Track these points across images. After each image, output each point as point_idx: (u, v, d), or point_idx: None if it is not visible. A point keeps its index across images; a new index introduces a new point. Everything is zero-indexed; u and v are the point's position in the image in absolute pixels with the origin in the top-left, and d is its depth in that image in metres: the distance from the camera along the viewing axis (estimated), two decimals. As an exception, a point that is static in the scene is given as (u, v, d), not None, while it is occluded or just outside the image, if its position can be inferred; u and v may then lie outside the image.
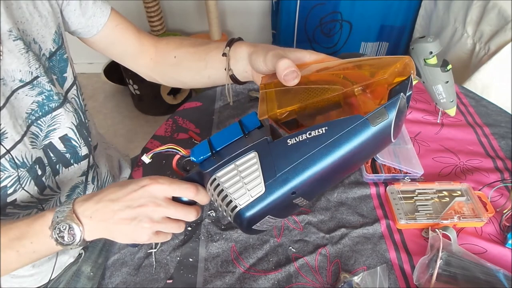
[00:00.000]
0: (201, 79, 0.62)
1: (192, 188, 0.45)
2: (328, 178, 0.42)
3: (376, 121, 0.38)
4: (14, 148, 0.51)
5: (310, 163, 0.39)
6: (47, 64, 0.56)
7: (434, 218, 0.67)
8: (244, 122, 0.46)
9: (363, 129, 0.38)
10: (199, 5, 2.06)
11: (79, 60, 2.33)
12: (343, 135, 0.39)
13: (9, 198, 0.53)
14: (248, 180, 0.41)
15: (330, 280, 0.61)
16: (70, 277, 0.73)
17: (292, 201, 0.42)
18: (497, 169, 0.77)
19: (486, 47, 1.25)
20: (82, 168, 0.65)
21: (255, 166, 0.41)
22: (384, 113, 0.38)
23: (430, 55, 0.72)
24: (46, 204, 0.60)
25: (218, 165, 0.43)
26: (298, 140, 0.40)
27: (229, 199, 0.41)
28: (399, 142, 0.80)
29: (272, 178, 0.40)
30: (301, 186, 0.40)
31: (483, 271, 0.59)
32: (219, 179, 0.42)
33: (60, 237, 0.45)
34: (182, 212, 0.46)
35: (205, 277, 0.62)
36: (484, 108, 0.92)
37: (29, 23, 0.53)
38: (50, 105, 0.56)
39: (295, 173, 0.40)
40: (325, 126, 0.40)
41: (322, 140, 0.39)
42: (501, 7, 1.19)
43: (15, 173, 0.52)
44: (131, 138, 1.94)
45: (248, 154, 0.42)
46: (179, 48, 0.64)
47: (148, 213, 0.44)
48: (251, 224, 0.42)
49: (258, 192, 0.40)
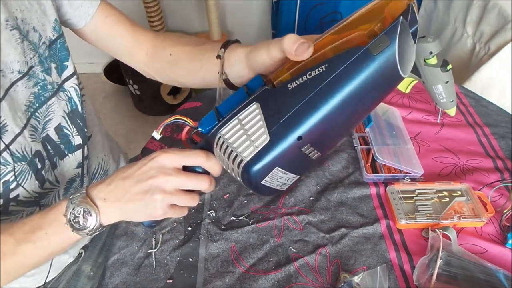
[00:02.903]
0: (196, 80, 0.61)
1: (201, 153, 0.44)
2: (336, 121, 0.38)
3: (377, 48, 0.34)
4: (15, 141, 0.51)
5: (313, 104, 0.36)
6: (47, 52, 0.56)
7: (434, 218, 0.67)
8: (249, 85, 0.43)
9: (365, 59, 0.35)
10: (199, 5, 2.06)
11: (79, 60, 2.31)
12: (344, 70, 0.35)
13: (12, 194, 0.53)
14: (252, 132, 0.39)
15: (330, 280, 0.61)
16: (70, 277, 0.73)
17: (301, 150, 0.39)
18: (497, 169, 0.77)
19: (486, 47, 1.25)
20: (77, 159, 0.64)
21: (258, 117, 0.39)
22: (385, 40, 0.34)
23: (430, 55, 0.72)
24: (46, 198, 0.60)
25: (221, 124, 0.40)
26: (299, 83, 0.38)
27: (234, 155, 0.39)
28: (399, 142, 0.80)
29: (276, 125, 0.38)
30: (307, 131, 0.37)
31: (483, 271, 0.59)
32: (223, 137, 0.40)
33: (75, 222, 0.45)
34: (194, 180, 0.44)
35: (205, 277, 0.62)
36: (484, 108, 0.92)
37: (29, 11, 0.52)
38: (45, 95, 0.56)
39: (299, 117, 0.37)
40: (325, 64, 0.36)
41: (323, 78, 0.36)
42: (501, 7, 1.19)
43: (17, 167, 0.52)
44: (131, 138, 1.94)
45: (250, 106, 0.40)
46: (175, 46, 0.62)
47: (159, 184, 0.44)
48: (259, 178, 0.40)
49: (262, 141, 0.38)
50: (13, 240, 0.46)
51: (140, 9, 1.97)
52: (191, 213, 0.71)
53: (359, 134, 0.83)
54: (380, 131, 0.81)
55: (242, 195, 0.73)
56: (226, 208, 0.71)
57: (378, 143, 0.77)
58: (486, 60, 1.19)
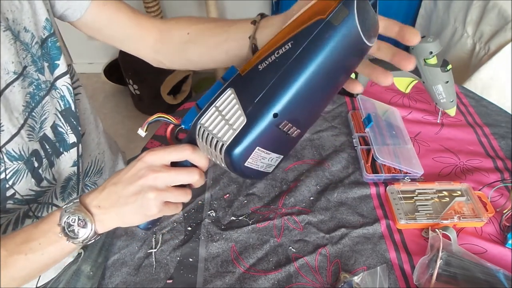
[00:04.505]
0: (217, 55, 0.60)
1: (187, 146, 0.44)
2: (309, 95, 0.40)
3: (338, 19, 0.37)
4: (11, 141, 0.51)
5: (284, 81, 0.38)
6: (39, 51, 0.55)
7: (434, 218, 0.67)
8: (224, 76, 0.44)
9: (328, 31, 0.37)
10: (199, 5, 2.06)
11: (79, 60, 2.33)
12: (310, 43, 0.37)
13: (8, 192, 0.53)
14: (229, 116, 0.40)
15: (330, 280, 0.61)
16: (70, 277, 0.73)
17: (279, 128, 0.40)
18: (497, 169, 0.77)
19: (486, 47, 1.25)
20: (73, 158, 0.64)
21: (233, 101, 0.40)
22: (343, 10, 0.36)
23: (430, 55, 0.72)
24: (44, 196, 0.60)
25: (200, 114, 0.42)
26: (268, 62, 0.39)
27: (215, 141, 0.40)
28: (399, 142, 0.80)
29: (251, 106, 0.39)
30: (281, 108, 0.39)
31: (483, 271, 0.59)
32: (203, 126, 0.41)
33: (70, 231, 0.44)
34: (184, 174, 0.45)
35: (205, 277, 0.62)
36: (484, 108, 0.92)
37: (20, 11, 0.52)
38: (39, 94, 0.56)
39: (271, 94, 0.38)
40: (291, 41, 0.38)
41: (290, 54, 0.38)
42: (501, 7, 1.19)
43: (13, 166, 0.52)
44: (131, 138, 1.94)
45: (225, 93, 0.41)
46: (195, 24, 0.62)
47: (150, 183, 0.44)
48: (241, 160, 0.41)
49: (240, 124, 0.39)
50: (4, 252, 0.46)
51: (140, 9, 1.96)
52: (191, 213, 0.71)
53: (359, 134, 0.83)
54: (380, 131, 0.81)
55: (242, 195, 0.73)
56: (226, 208, 0.71)
57: (378, 143, 0.77)
58: (486, 60, 1.19)
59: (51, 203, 0.63)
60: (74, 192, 0.67)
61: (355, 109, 0.92)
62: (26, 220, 0.59)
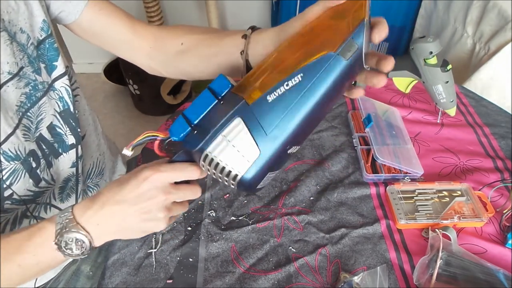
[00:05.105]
0: (209, 67, 0.60)
1: (196, 168, 0.45)
2: (314, 119, 0.43)
3: (347, 54, 0.39)
4: (7, 141, 0.51)
5: (296, 113, 0.40)
6: (35, 53, 0.55)
7: (434, 218, 0.67)
8: (213, 87, 0.45)
9: (338, 65, 0.39)
10: (199, 5, 2.06)
11: (79, 60, 2.33)
12: (320, 77, 0.40)
13: (6, 192, 0.53)
14: (241, 147, 0.41)
15: (330, 280, 0.61)
16: (70, 277, 0.73)
17: (287, 152, 0.43)
18: (497, 169, 0.77)
19: (486, 47, 1.25)
20: (71, 159, 0.64)
21: (244, 131, 0.41)
22: (353, 44, 0.39)
23: (430, 55, 0.72)
24: (42, 196, 0.60)
25: (205, 141, 0.42)
26: (278, 94, 0.41)
27: (228, 170, 0.41)
28: (399, 142, 0.80)
29: (264, 138, 0.40)
30: (292, 137, 0.41)
31: (483, 271, 0.59)
32: (211, 154, 0.41)
33: (68, 249, 0.45)
34: (190, 192, 0.47)
35: (205, 277, 0.62)
36: (484, 108, 0.92)
37: (16, 12, 0.52)
38: (36, 95, 0.56)
39: (285, 127, 0.40)
40: (300, 73, 0.40)
41: (301, 88, 0.40)
42: (501, 7, 1.19)
43: (9, 166, 0.52)
44: (131, 138, 1.92)
45: (232, 121, 0.41)
46: (188, 35, 0.61)
47: (160, 203, 0.45)
48: (255, 185, 0.43)
49: (254, 155, 0.41)
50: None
51: (140, 9, 1.97)
52: (191, 213, 0.71)
53: (359, 134, 0.83)
54: (380, 131, 0.81)
55: (242, 195, 0.73)
56: (226, 208, 0.71)
57: (378, 143, 0.77)
58: (486, 60, 1.19)
59: (49, 203, 0.63)
60: (73, 192, 0.67)
61: (355, 109, 0.92)
62: (23, 220, 0.59)
